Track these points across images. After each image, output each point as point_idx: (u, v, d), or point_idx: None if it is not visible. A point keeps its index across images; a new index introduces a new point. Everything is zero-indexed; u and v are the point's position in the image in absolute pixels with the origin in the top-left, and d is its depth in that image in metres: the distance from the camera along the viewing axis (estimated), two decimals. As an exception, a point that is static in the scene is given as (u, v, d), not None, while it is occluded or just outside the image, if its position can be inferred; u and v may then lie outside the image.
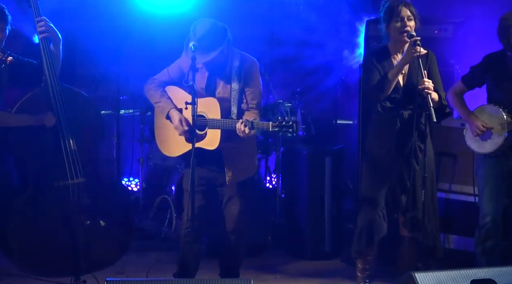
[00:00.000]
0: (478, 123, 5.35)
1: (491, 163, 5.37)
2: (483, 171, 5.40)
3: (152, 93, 5.31)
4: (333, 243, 6.53)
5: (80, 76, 7.57)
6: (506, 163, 5.34)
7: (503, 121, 5.28)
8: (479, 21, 6.72)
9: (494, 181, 5.37)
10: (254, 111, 5.12)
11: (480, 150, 5.40)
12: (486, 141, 5.35)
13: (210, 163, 5.15)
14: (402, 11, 5.03)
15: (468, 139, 5.49)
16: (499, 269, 4.40)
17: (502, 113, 5.29)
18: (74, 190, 5.06)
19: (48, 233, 5.05)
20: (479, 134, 5.35)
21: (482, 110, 5.41)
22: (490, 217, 5.37)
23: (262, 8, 8.04)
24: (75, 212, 5.04)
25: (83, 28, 7.45)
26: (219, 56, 5.05)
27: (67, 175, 5.04)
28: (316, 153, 6.53)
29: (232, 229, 5.33)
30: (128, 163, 7.71)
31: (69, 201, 5.05)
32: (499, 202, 5.39)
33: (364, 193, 5.24)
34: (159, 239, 6.90)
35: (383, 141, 5.14)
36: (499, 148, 5.30)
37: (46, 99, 5.05)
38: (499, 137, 5.30)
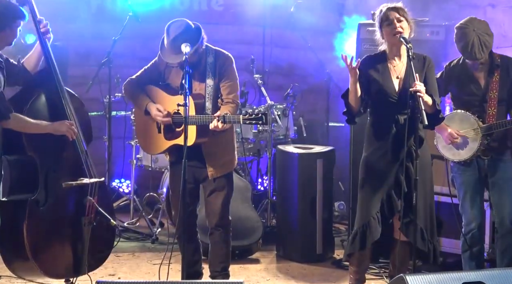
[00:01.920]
0: (450, 131, 5.36)
1: (467, 169, 5.38)
2: (461, 178, 5.41)
3: (130, 92, 5.40)
4: (324, 245, 6.51)
5: (72, 77, 7.50)
6: (481, 167, 5.36)
7: (476, 126, 5.29)
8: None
9: (473, 187, 5.38)
10: (230, 104, 5.18)
11: (455, 158, 5.40)
12: (461, 148, 5.35)
13: (192, 159, 5.17)
14: (390, 15, 5.04)
15: (441, 148, 5.47)
16: (490, 272, 4.42)
17: (472, 118, 5.30)
18: (90, 189, 5.08)
19: (61, 233, 5.06)
20: (455, 142, 5.35)
21: (452, 117, 5.40)
22: (474, 224, 5.38)
23: (255, 10, 8.07)
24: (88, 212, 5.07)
25: (76, 30, 7.55)
26: (193, 56, 5.10)
27: (81, 175, 5.07)
28: (308, 155, 6.51)
29: (216, 224, 5.36)
30: (119, 164, 7.70)
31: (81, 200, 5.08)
32: (480, 207, 5.40)
33: (360, 196, 5.22)
34: (150, 240, 6.90)
35: (379, 145, 5.13)
36: (475, 153, 5.31)
37: (50, 101, 5.04)
38: (474, 142, 5.31)
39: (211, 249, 5.46)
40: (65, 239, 5.07)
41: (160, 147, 5.36)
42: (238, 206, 6.25)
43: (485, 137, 5.29)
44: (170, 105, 5.26)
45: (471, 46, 5.16)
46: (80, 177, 5.08)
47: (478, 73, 5.35)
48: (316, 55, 7.73)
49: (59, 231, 5.05)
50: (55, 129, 4.96)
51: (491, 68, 5.31)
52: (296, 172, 6.47)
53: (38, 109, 4.99)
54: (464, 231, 5.44)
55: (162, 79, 5.34)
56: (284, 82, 8.19)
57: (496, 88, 5.28)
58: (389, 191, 5.13)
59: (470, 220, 5.40)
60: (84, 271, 5.10)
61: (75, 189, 5.07)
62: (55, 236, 5.04)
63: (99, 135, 7.04)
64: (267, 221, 7.06)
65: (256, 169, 7.84)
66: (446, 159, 5.49)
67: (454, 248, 6.03)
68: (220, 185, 5.33)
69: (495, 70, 5.30)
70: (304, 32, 7.82)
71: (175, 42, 5.04)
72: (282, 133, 7.27)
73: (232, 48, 5.97)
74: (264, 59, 8.03)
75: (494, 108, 5.28)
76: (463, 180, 5.41)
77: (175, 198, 5.23)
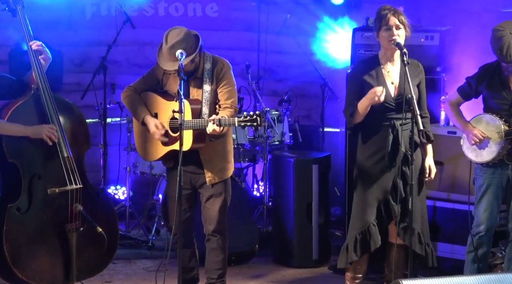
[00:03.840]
0: (475, 131, 5.34)
1: (489, 172, 5.35)
2: (482, 180, 5.38)
3: (128, 101, 5.39)
4: (321, 251, 6.49)
5: (67, 84, 7.58)
6: (504, 172, 5.33)
7: (500, 129, 5.27)
8: (466, 29, 6.71)
9: (492, 191, 5.35)
10: (228, 109, 5.18)
11: (478, 159, 5.38)
12: (484, 150, 5.33)
13: (189, 165, 5.21)
14: (390, 20, 5.02)
15: (466, 148, 5.46)
16: (488, 277, 4.39)
17: (499, 122, 5.28)
18: (72, 196, 5.09)
19: (43, 240, 5.08)
20: (477, 142, 5.33)
21: (479, 119, 5.40)
22: (484, 226, 5.37)
23: (250, 16, 8.08)
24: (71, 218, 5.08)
25: (71, 37, 7.54)
26: (189, 64, 5.13)
27: (65, 181, 5.07)
28: (303, 160, 6.49)
29: (213, 231, 5.34)
30: (115, 171, 7.68)
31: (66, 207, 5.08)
32: (494, 212, 5.37)
33: (356, 203, 5.21)
34: (146, 247, 6.88)
35: (374, 151, 5.13)
36: (496, 156, 5.29)
37: (38, 107, 5.09)
38: (496, 145, 5.28)
39: (207, 255, 5.43)
40: (48, 246, 5.07)
41: (158, 153, 5.36)
42: (234, 212, 6.14)
43: (508, 141, 5.26)
44: (167, 111, 5.25)
45: (507, 48, 5.12)
46: (61, 183, 5.08)
47: (511, 77, 5.30)
48: (311, 60, 7.74)
49: (41, 238, 5.05)
50: (33, 133, 5.00)
51: None
52: (292, 178, 6.46)
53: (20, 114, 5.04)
54: (473, 232, 5.42)
55: (160, 86, 5.36)
56: (279, 88, 8.21)
57: None
58: (386, 196, 5.13)
59: (480, 222, 5.37)
60: (73, 278, 5.10)
61: (58, 196, 5.07)
62: (37, 243, 5.04)
63: (94, 142, 6.74)
64: (263, 227, 7.05)
65: (251, 175, 7.82)
66: (470, 160, 5.46)
67: (450, 253, 6.06)
68: (218, 191, 5.31)
69: None
70: (299, 38, 7.82)
71: (173, 49, 5.05)
72: (278, 139, 7.24)
73: (227, 54, 5.99)
74: (259, 65, 8.01)
75: None
76: (483, 182, 5.37)
77: (172, 204, 5.22)
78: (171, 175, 5.40)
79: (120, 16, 7.31)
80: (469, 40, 6.37)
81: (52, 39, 5.22)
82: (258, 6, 7.96)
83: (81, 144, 5.34)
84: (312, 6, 8.00)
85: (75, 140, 5.27)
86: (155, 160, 5.55)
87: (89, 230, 5.14)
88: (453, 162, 5.88)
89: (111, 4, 7.40)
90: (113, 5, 7.38)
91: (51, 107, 5.10)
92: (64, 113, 5.24)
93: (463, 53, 6.39)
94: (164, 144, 5.28)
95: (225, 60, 5.34)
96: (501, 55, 5.17)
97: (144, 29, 7.46)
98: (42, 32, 5.48)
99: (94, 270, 5.34)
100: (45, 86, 5.08)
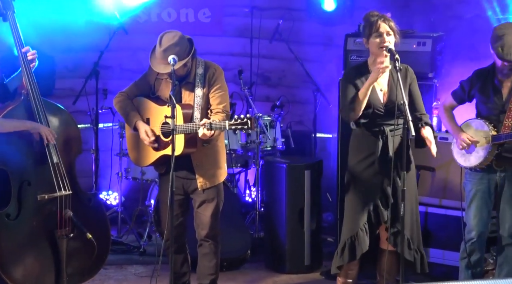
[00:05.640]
0: (463, 136, 5.34)
1: (478, 177, 5.37)
2: (470, 185, 5.40)
3: (120, 106, 5.39)
4: (313, 257, 6.49)
5: (59, 89, 7.59)
6: (492, 177, 5.34)
7: (488, 135, 5.27)
8: (458, 35, 6.79)
9: (480, 196, 5.36)
10: (220, 114, 5.19)
11: (466, 164, 5.40)
12: (471, 154, 5.35)
13: (181, 170, 5.22)
14: (381, 27, 5.01)
15: (455, 153, 5.48)
16: (479, 283, 4.40)
17: (487, 127, 5.30)
18: (61, 202, 5.08)
19: (33, 246, 5.07)
20: (465, 147, 5.34)
21: (469, 124, 5.42)
22: (475, 232, 5.37)
23: (242, 22, 8.10)
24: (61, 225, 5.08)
25: (63, 42, 7.52)
26: (181, 69, 5.14)
27: (54, 188, 5.06)
28: (296, 166, 6.48)
29: (205, 236, 5.34)
30: (107, 177, 7.66)
31: (56, 213, 5.07)
32: (484, 218, 5.37)
33: (347, 208, 5.22)
34: (138, 253, 6.87)
35: (365, 156, 5.13)
36: (483, 161, 5.29)
37: (28, 113, 5.09)
38: (483, 150, 5.29)
39: (199, 260, 5.42)
40: (38, 252, 5.07)
41: (150, 158, 5.36)
42: (226, 217, 6.15)
43: (496, 146, 5.26)
44: (159, 116, 5.25)
45: (508, 46, 5.10)
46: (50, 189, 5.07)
47: (505, 81, 5.30)
48: (303, 66, 7.73)
49: (31, 244, 5.05)
50: (33, 127, 5.01)
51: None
52: (284, 184, 6.45)
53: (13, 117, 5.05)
54: (465, 239, 5.44)
55: (152, 91, 5.37)
56: (271, 94, 8.22)
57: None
58: (375, 202, 5.13)
59: (471, 228, 5.39)
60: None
61: (48, 202, 5.06)
62: (27, 249, 5.04)
63: (86, 147, 6.75)
64: (255, 233, 7.04)
65: (244, 181, 7.81)
66: (460, 166, 5.48)
67: (442, 259, 6.06)
68: (210, 196, 5.31)
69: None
70: (292, 43, 7.83)
71: (166, 52, 5.06)
72: (270, 144, 7.25)
73: (220, 59, 6.10)
74: (251, 71, 8.02)
75: (511, 120, 5.25)
76: (472, 188, 5.39)
77: (165, 209, 5.19)
78: (163, 181, 5.39)
79: (113, 22, 7.31)
80: (461, 46, 6.43)
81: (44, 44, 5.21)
82: (251, 11, 7.97)
83: (72, 150, 5.34)
84: (304, 12, 8.02)
85: (66, 145, 5.28)
86: (147, 166, 5.54)
87: (79, 236, 5.14)
88: (445, 168, 5.89)
89: (105, 10, 7.39)
90: (106, 11, 7.38)
91: (41, 113, 5.10)
92: (55, 119, 5.24)
93: (455, 59, 6.50)
94: (156, 149, 5.28)
95: (217, 65, 5.35)
96: (501, 53, 5.14)
97: (136, 35, 7.43)
98: (35, 38, 5.46)
99: (84, 276, 5.34)
100: (35, 92, 5.07)
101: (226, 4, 8.16)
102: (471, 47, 5.31)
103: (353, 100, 5.01)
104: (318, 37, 7.99)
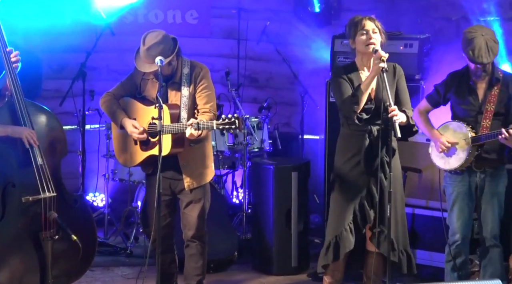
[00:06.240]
0: (442, 139, 5.37)
1: (458, 179, 5.39)
2: (451, 188, 5.42)
3: (106, 106, 5.39)
4: (300, 258, 6.48)
5: (45, 90, 7.58)
6: (473, 179, 5.37)
7: (467, 136, 5.30)
8: (445, 37, 6.81)
9: (462, 198, 5.38)
10: (207, 114, 5.19)
11: (446, 167, 5.41)
12: (451, 157, 5.36)
13: (168, 171, 5.22)
14: (366, 25, 5.02)
15: (434, 156, 5.49)
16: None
17: (465, 129, 5.32)
18: (46, 204, 5.07)
19: (18, 249, 5.06)
20: (444, 150, 5.37)
21: (446, 127, 5.44)
22: (459, 235, 5.40)
23: (229, 23, 8.09)
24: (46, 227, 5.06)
25: (50, 43, 7.49)
26: (166, 68, 5.14)
27: (38, 189, 5.04)
28: (283, 168, 6.47)
29: (192, 236, 5.34)
30: (93, 178, 7.63)
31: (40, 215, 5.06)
32: (467, 220, 5.40)
33: (332, 207, 5.21)
34: (124, 254, 6.85)
35: (351, 156, 5.13)
36: (464, 163, 5.31)
37: (12, 114, 5.08)
38: (463, 152, 5.31)
39: (186, 262, 5.42)
40: (23, 254, 5.06)
41: (137, 159, 5.37)
42: (213, 219, 6.15)
43: (475, 148, 5.29)
44: (145, 116, 5.26)
45: (478, 49, 5.14)
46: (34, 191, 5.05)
47: (479, 83, 5.34)
48: (291, 68, 7.73)
49: (16, 246, 5.04)
50: (13, 131, 5.00)
51: (492, 81, 5.32)
52: (271, 185, 6.44)
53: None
54: (449, 242, 5.45)
55: (138, 91, 5.37)
56: (259, 95, 8.21)
57: (493, 101, 5.29)
58: (361, 202, 5.13)
59: (455, 231, 5.41)
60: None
61: (33, 204, 5.05)
62: (12, 251, 5.03)
63: (72, 149, 6.95)
64: (243, 234, 7.03)
65: (231, 182, 7.79)
66: (439, 168, 5.50)
67: (429, 260, 6.08)
68: (197, 197, 5.31)
69: (496, 84, 5.32)
70: (279, 45, 7.83)
71: (150, 51, 5.08)
72: (257, 146, 7.23)
73: (207, 61, 5.99)
74: (238, 72, 8.02)
75: (489, 121, 5.29)
76: (453, 191, 5.41)
77: (152, 210, 5.16)
78: (150, 181, 5.40)
79: (99, 22, 7.30)
80: (448, 48, 6.39)
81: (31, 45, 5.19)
82: (238, 13, 7.97)
83: (57, 151, 5.32)
84: (291, 14, 8.01)
85: (51, 147, 5.27)
86: (134, 166, 5.54)
87: (64, 238, 5.12)
88: (432, 170, 5.88)
89: (91, 11, 7.40)
90: (93, 11, 7.38)
91: (25, 115, 5.08)
92: (40, 120, 5.23)
93: (442, 61, 6.44)
94: (143, 149, 5.28)
95: (203, 64, 5.36)
96: (472, 56, 5.18)
97: (123, 36, 7.36)
98: (21, 39, 5.43)
99: (71, 278, 5.33)
100: (19, 93, 5.05)
101: (214, 6, 8.15)
102: (458, 49, 5.34)
103: (355, 93, 4.99)
104: (305, 38, 7.92)
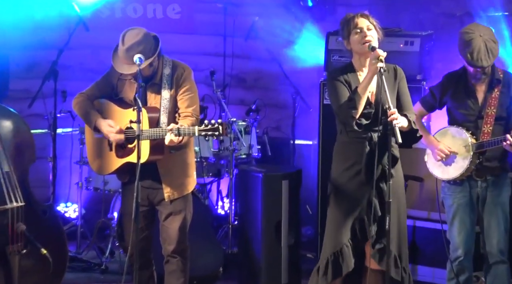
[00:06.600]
0: (441, 146, 5.29)
1: (458, 190, 5.29)
2: (451, 200, 5.32)
3: (80, 107, 5.27)
4: (290, 274, 6.30)
5: (13, 90, 7.50)
6: (473, 189, 5.26)
7: (467, 143, 5.19)
8: (448, 34, 6.69)
9: (463, 211, 5.28)
10: (189, 118, 5.10)
11: (444, 176, 5.30)
12: (450, 165, 5.27)
13: (146, 179, 5.10)
14: (359, 22, 4.88)
15: (430, 165, 5.39)
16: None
17: (465, 134, 5.22)
18: (13, 215, 5.00)
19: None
20: (443, 158, 5.27)
21: (445, 132, 5.34)
22: (461, 250, 5.28)
23: (215, 19, 8.02)
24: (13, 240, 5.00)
25: (18, 39, 7.38)
26: (147, 69, 5.06)
27: (5, 199, 4.98)
28: (272, 176, 6.28)
29: (172, 251, 5.23)
30: (65, 187, 7.54)
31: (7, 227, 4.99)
32: (470, 233, 5.29)
33: (329, 222, 5.04)
34: (99, 271, 6.69)
35: (350, 165, 4.94)
36: (464, 172, 5.20)
37: None
38: (464, 160, 5.20)
39: (166, 279, 5.29)
40: None
41: (112, 166, 5.25)
42: (196, 231, 5.95)
43: (476, 155, 5.19)
44: (123, 120, 5.15)
45: (477, 52, 5.06)
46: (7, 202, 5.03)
47: (478, 85, 5.25)
48: (281, 67, 7.66)
49: None
50: None
51: (492, 82, 5.23)
52: (260, 195, 6.26)
53: None
54: (451, 258, 5.35)
55: (115, 92, 5.28)
56: (246, 97, 8.15)
57: (494, 105, 5.20)
58: (361, 215, 4.93)
59: (457, 246, 5.30)
60: None
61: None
62: None
63: (42, 155, 6.92)
64: (228, 248, 6.92)
65: (216, 191, 7.74)
66: (436, 178, 5.40)
67: (431, 277, 6.03)
68: (177, 208, 5.19)
69: (496, 85, 5.22)
70: (268, 42, 7.75)
71: (129, 51, 4.97)
72: (245, 152, 7.14)
73: (190, 59, 5.99)
74: (224, 72, 7.96)
75: (490, 126, 5.18)
76: (453, 202, 5.30)
77: (128, 222, 5.13)
78: (126, 191, 5.28)
79: (72, 17, 7.18)
80: (451, 46, 6.18)
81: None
82: (224, 8, 7.89)
83: (25, 157, 5.24)
84: (282, 9, 7.95)
85: (18, 152, 5.18)
86: (109, 174, 5.40)
87: (33, 252, 5.02)
88: (435, 178, 5.68)
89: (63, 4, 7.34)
90: (65, 5, 7.31)
91: None
92: (5, 123, 5.16)
93: (445, 60, 6.45)
94: (119, 156, 5.16)
95: (185, 64, 5.26)
96: (471, 60, 5.11)
97: (99, 31, 7.29)
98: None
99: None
100: None
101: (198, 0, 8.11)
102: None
103: (352, 96, 4.82)
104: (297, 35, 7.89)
